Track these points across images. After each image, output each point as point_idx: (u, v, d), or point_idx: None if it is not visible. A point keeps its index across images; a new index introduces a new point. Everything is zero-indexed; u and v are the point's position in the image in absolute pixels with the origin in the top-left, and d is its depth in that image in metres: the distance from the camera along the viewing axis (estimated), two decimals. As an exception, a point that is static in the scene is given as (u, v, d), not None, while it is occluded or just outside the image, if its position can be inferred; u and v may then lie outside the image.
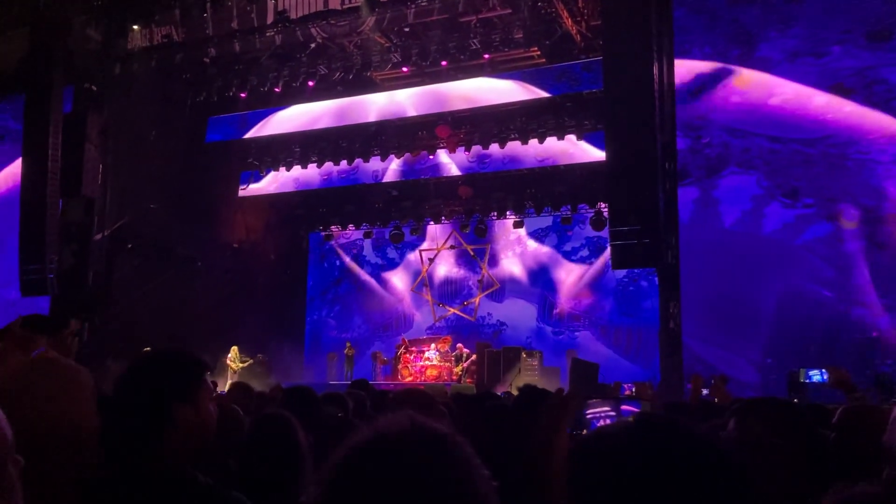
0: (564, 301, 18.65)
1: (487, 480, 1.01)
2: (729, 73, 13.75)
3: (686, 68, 13.59)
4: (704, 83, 13.83)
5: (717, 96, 13.79)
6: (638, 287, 17.51)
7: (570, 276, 18.72)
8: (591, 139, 16.01)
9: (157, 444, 1.76)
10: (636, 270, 16.28)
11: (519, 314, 19.03)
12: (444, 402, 4.27)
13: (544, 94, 15.79)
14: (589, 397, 1.59)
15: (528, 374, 14.66)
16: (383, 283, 20.58)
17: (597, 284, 18.39)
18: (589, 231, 17.85)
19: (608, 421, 1.56)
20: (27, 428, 1.31)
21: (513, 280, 19.34)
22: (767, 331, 13.09)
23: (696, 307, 12.37)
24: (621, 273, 17.35)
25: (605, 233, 14.27)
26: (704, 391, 6.69)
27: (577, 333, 18.29)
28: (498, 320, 19.22)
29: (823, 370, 5.66)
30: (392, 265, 20.59)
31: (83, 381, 1.67)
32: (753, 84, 13.55)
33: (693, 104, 13.81)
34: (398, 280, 20.46)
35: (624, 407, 1.59)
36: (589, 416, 1.54)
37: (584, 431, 1.53)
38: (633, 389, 10.60)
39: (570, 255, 18.81)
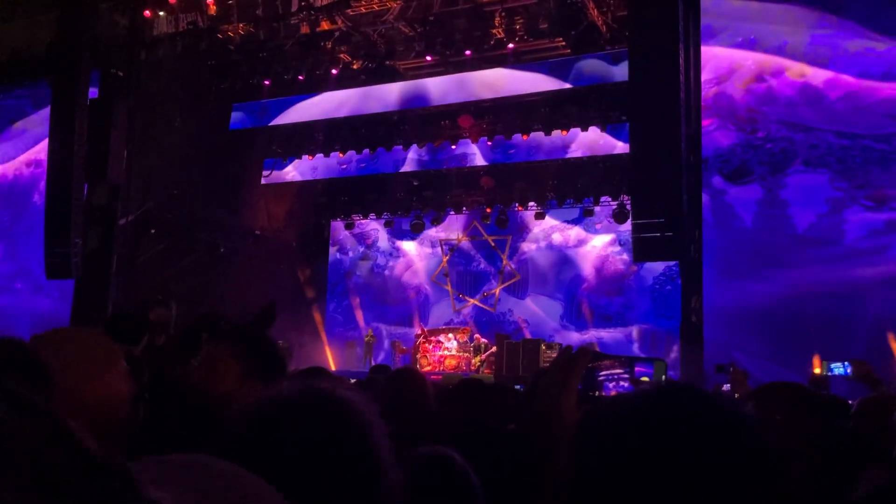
0: (593, 299, 17.99)
1: (378, 444, 1.03)
2: (779, 63, 12.68)
3: (731, 57, 12.82)
4: (753, 74, 12.80)
5: (770, 87, 12.66)
6: (676, 286, 15.66)
7: (599, 272, 18.06)
8: (615, 131, 15.90)
9: None
10: (675, 268, 15.40)
11: (542, 312, 18.60)
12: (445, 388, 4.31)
13: (568, 85, 15.67)
14: (599, 357, 1.52)
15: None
16: (403, 272, 20.60)
17: (630, 282, 17.61)
18: (620, 225, 17.05)
19: (621, 382, 1.49)
20: (65, 396, 1.47)
21: (536, 275, 18.92)
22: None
23: (758, 321, 11.43)
24: (658, 270, 16.66)
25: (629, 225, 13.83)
26: (725, 386, 6.64)
27: (605, 334, 17.43)
28: (519, 317, 18.93)
29: (847, 363, 5.56)
30: (412, 255, 20.60)
31: (114, 353, 1.78)
32: (809, 76, 12.41)
33: (743, 95, 12.75)
34: (418, 270, 20.47)
35: (638, 367, 1.52)
36: (601, 378, 1.47)
37: (597, 393, 1.46)
38: None
39: (600, 251, 18.22)
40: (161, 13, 15.09)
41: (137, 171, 15.88)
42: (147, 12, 15.08)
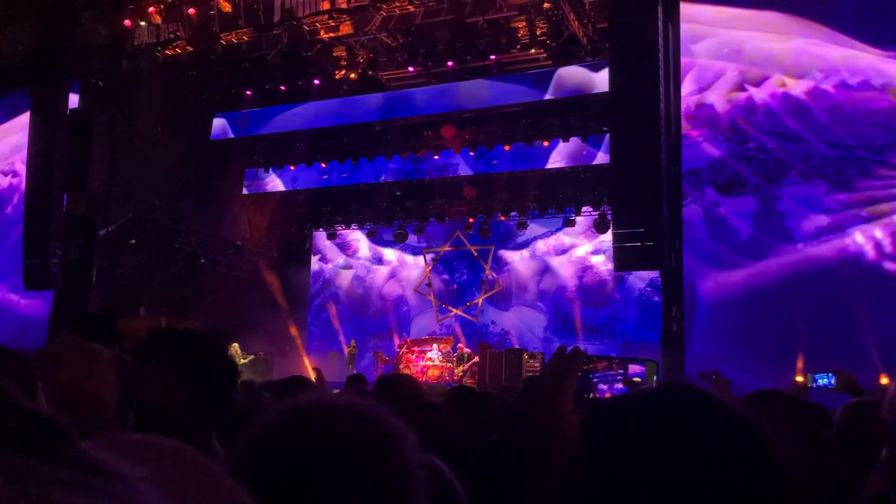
0: (578, 311, 17.82)
1: (404, 455, 1.00)
2: (766, 72, 12.48)
3: (715, 67, 12.65)
4: (739, 83, 12.59)
5: (758, 97, 12.43)
6: (663, 298, 15.80)
7: (583, 283, 17.90)
8: (597, 141, 16.02)
9: None
10: (659, 279, 15.23)
11: (526, 324, 18.47)
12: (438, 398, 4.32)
13: (550, 96, 15.77)
14: (593, 359, 1.50)
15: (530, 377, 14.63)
16: (386, 282, 20.57)
17: (616, 293, 17.45)
18: (605, 235, 16.76)
19: (615, 384, 1.48)
20: (57, 396, 1.56)
21: (519, 286, 18.81)
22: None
23: (750, 334, 11.19)
24: (645, 281, 16.48)
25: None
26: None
27: (591, 347, 16.69)
28: (503, 329, 18.79)
29: (831, 374, 5.62)
30: (395, 265, 20.58)
31: (104, 357, 1.85)
32: (797, 85, 12.23)
33: (729, 105, 12.56)
34: (401, 280, 20.45)
35: (632, 367, 1.52)
36: (595, 379, 1.47)
37: (591, 394, 1.45)
38: None
39: (584, 261, 18.12)
40: (143, 23, 15.04)
41: (118, 182, 15.77)
42: (128, 22, 15.03)
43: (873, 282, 11.33)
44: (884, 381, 8.78)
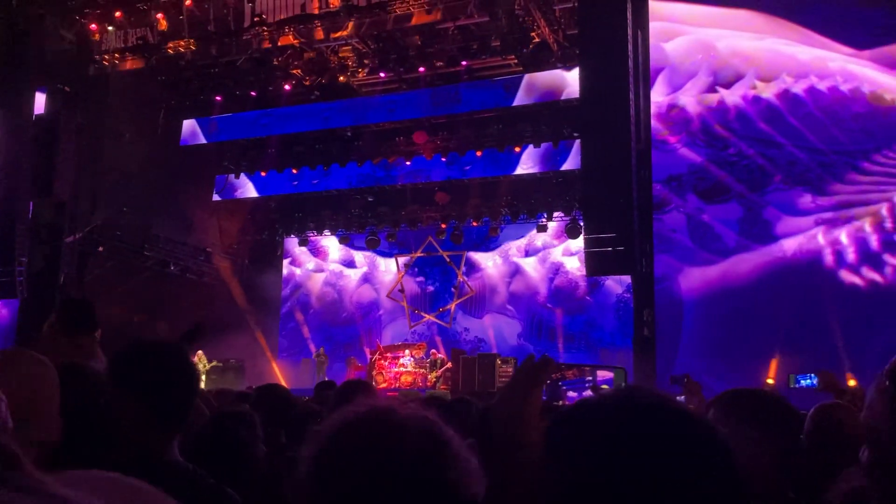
0: (554, 318, 17.68)
1: (464, 464, 1.03)
2: (737, 74, 12.36)
3: (688, 67, 12.54)
4: (710, 85, 12.47)
5: (728, 100, 12.33)
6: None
7: (559, 289, 17.80)
8: (567, 147, 16.11)
9: None
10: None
11: (500, 331, 18.36)
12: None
13: (521, 102, 15.84)
14: (562, 367, 1.51)
15: (503, 382, 14.64)
16: (359, 288, 20.50)
17: (592, 300, 17.33)
18: (580, 241, 16.04)
19: (584, 390, 1.48)
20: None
21: (493, 293, 18.73)
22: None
23: (732, 344, 11.04)
24: (622, 286, 16.18)
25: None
26: (680, 398, 6.75)
27: (568, 356, 16.72)
28: (476, 336, 18.72)
29: (813, 375, 5.70)
30: (367, 271, 20.51)
31: (47, 373, 1.82)
32: (767, 88, 12.18)
33: (704, 109, 12.44)
34: (374, 286, 20.39)
35: (601, 374, 1.51)
36: (564, 387, 1.46)
37: (560, 402, 1.45)
38: None
39: (559, 267, 18.01)
40: (110, 28, 14.86)
41: (85, 188, 15.56)
42: (94, 26, 14.84)
43: (842, 286, 11.43)
44: (851, 382, 8.93)
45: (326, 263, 20.90)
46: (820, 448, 2.70)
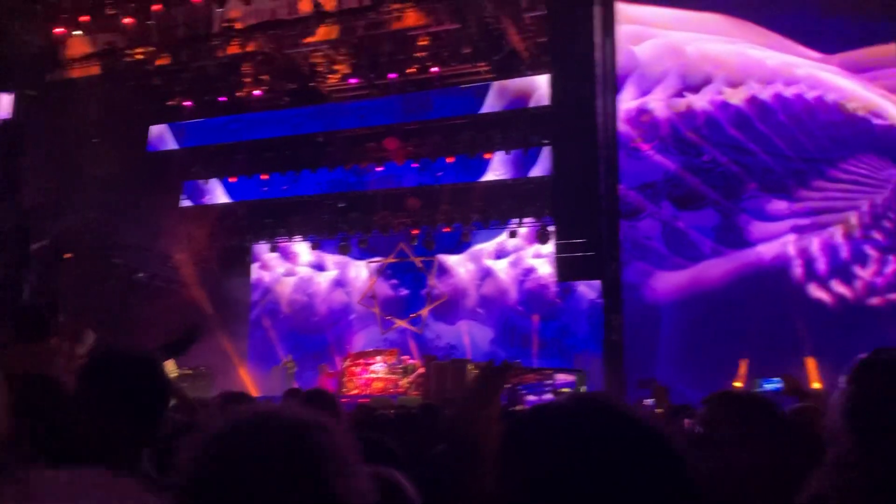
0: (527, 324, 17.57)
1: (349, 467, 1.00)
2: (705, 78, 12.37)
3: (657, 71, 12.49)
4: (678, 90, 12.44)
5: (696, 105, 12.30)
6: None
7: (531, 295, 17.71)
8: (538, 154, 16.21)
9: None
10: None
11: (472, 337, 18.23)
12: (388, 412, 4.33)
13: (492, 109, 15.92)
14: (523, 371, 1.51)
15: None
16: (329, 294, 20.41)
17: (565, 306, 17.23)
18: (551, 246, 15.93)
19: (543, 396, 1.48)
20: None
21: (466, 299, 18.65)
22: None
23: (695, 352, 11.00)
24: (596, 291, 15.60)
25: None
26: (648, 401, 6.82)
27: (540, 362, 16.34)
28: (448, 343, 18.55)
29: (778, 378, 5.78)
30: (338, 277, 20.43)
31: None
32: (735, 94, 12.19)
33: (670, 112, 12.40)
34: (345, 292, 20.31)
35: (561, 377, 1.53)
36: (523, 391, 1.47)
37: (519, 407, 1.46)
38: None
39: (531, 272, 17.95)
40: (77, 32, 14.69)
41: (51, 195, 15.33)
42: (61, 30, 14.65)
43: (809, 294, 11.54)
44: (816, 385, 9.08)
45: (297, 270, 20.78)
46: (791, 450, 2.75)
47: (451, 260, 19.31)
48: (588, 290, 16.69)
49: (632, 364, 10.93)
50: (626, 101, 12.36)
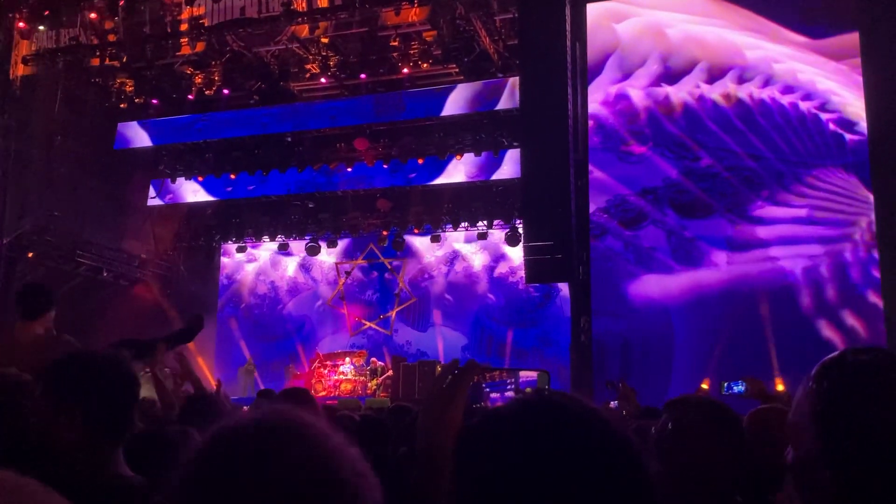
0: (504, 332, 17.29)
1: (347, 468, 0.97)
2: (685, 65, 11.88)
3: (637, 54, 12.05)
4: (657, 77, 11.97)
5: (674, 98, 11.84)
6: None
7: (509, 301, 17.42)
8: (508, 156, 16.26)
9: None
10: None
11: (444, 344, 18.00)
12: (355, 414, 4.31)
13: (462, 111, 15.93)
14: (487, 370, 1.50)
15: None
16: (298, 296, 20.26)
17: (545, 312, 16.97)
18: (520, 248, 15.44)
19: (506, 393, 1.49)
20: None
21: (436, 304, 18.45)
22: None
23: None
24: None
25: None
26: (613, 403, 6.86)
27: (521, 375, 15.75)
28: (419, 349, 18.35)
29: (741, 381, 5.83)
30: (308, 278, 20.30)
31: None
32: (711, 90, 11.73)
33: (649, 101, 11.93)
34: (314, 294, 20.18)
35: (523, 374, 1.53)
36: (487, 388, 1.47)
37: (483, 404, 1.46)
38: None
39: (507, 277, 17.77)
40: (41, 27, 14.43)
41: (14, 192, 15.04)
42: (22, 24, 14.38)
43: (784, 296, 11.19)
44: (779, 387, 9.20)
45: (264, 270, 20.60)
46: (756, 451, 2.78)
47: (421, 262, 19.15)
48: (566, 296, 16.34)
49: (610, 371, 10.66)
50: (606, 84, 11.98)
